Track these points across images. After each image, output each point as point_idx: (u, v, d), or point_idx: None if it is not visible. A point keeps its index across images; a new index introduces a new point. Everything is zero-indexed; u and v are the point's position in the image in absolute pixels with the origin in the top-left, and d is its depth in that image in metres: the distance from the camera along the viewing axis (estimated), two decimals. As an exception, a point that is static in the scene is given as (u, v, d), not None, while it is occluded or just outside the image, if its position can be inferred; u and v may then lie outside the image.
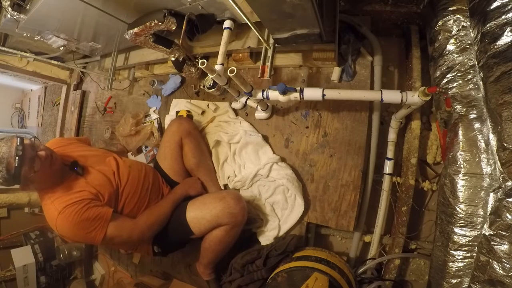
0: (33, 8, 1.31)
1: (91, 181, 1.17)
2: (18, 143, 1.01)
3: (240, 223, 1.23)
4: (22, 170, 1.01)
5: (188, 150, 1.43)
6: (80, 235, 1.10)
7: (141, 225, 1.20)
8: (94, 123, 2.26)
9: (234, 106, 1.57)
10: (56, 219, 1.06)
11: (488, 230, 0.83)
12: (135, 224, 1.19)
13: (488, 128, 0.89)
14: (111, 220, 1.12)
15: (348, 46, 1.32)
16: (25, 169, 1.02)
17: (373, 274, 1.33)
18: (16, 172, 1.00)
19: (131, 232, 1.17)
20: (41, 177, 1.08)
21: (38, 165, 1.04)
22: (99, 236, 1.10)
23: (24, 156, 1.01)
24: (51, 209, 1.09)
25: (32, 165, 1.03)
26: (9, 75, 2.41)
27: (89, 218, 1.08)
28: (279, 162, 1.39)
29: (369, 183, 1.33)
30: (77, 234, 1.10)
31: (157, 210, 1.26)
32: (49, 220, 1.11)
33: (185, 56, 1.55)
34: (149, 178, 1.35)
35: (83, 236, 1.10)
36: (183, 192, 1.36)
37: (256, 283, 1.28)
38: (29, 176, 1.03)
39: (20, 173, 1.01)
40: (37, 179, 1.07)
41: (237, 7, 0.97)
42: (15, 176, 1.01)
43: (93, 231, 1.09)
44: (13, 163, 0.99)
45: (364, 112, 1.30)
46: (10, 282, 2.00)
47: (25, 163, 1.01)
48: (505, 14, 0.80)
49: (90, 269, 2.20)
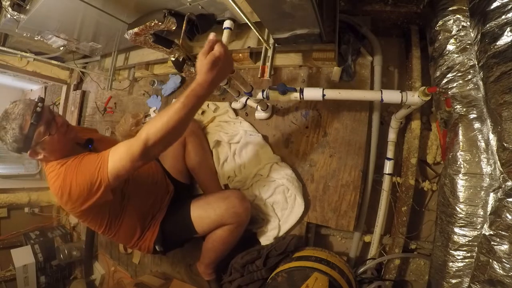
0: (33, 8, 1.31)
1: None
2: (39, 101, 0.98)
3: (244, 222, 1.23)
4: (36, 130, 0.96)
5: (191, 149, 1.43)
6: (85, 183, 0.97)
7: (145, 133, 0.87)
8: (94, 123, 2.26)
9: (234, 106, 1.57)
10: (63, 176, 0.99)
11: (488, 230, 0.83)
12: (134, 138, 0.90)
13: (488, 128, 0.89)
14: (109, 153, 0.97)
15: (348, 46, 1.32)
16: (40, 130, 0.97)
17: (373, 274, 1.33)
18: (30, 131, 0.95)
19: (130, 146, 0.90)
20: (54, 145, 1.02)
21: (54, 129, 1.00)
22: (103, 174, 0.94)
23: (42, 114, 0.97)
24: (57, 169, 1.02)
25: (48, 127, 0.99)
26: (9, 75, 2.40)
27: (90, 159, 0.99)
28: (279, 162, 1.39)
29: (369, 183, 1.33)
30: (81, 183, 0.97)
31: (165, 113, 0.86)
32: (54, 180, 1.02)
33: (185, 56, 1.55)
34: (157, 172, 1.33)
35: (88, 183, 0.96)
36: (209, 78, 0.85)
37: (256, 283, 1.28)
38: (41, 139, 0.98)
39: (34, 134, 0.96)
40: (49, 145, 1.01)
41: (237, 7, 0.97)
42: (28, 137, 0.95)
43: (96, 171, 0.95)
44: (29, 120, 0.95)
45: (364, 112, 1.30)
46: (10, 282, 2.00)
47: (41, 122, 0.97)
48: (505, 14, 0.80)
49: (90, 269, 2.19)
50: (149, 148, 0.87)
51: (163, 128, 0.85)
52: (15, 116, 0.96)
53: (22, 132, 0.96)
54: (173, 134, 0.88)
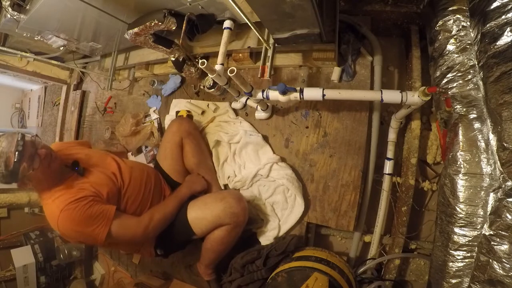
0: (33, 8, 1.31)
1: (93, 181, 1.16)
2: (19, 138, 1.00)
3: (242, 223, 1.23)
4: (20, 167, 1.00)
5: (188, 150, 1.43)
6: (83, 234, 1.08)
7: (145, 223, 1.17)
8: (94, 123, 2.26)
9: (234, 106, 1.57)
10: (58, 217, 1.04)
11: (488, 230, 0.83)
12: (140, 221, 1.17)
13: (488, 128, 0.88)
14: (114, 217, 1.10)
15: (348, 46, 1.32)
16: (24, 166, 1.00)
17: (373, 274, 1.33)
18: (14, 168, 0.99)
19: (135, 230, 1.15)
20: (39, 176, 1.06)
21: (37, 163, 1.03)
22: (102, 234, 1.07)
23: (24, 152, 1.00)
24: (52, 208, 1.08)
25: (31, 162, 1.02)
26: (9, 75, 2.40)
27: (92, 215, 1.06)
28: (279, 162, 1.39)
29: (369, 183, 1.33)
30: (80, 232, 1.07)
31: (162, 208, 1.25)
32: (51, 219, 1.09)
33: (185, 56, 1.55)
34: (151, 179, 1.34)
35: (86, 234, 1.07)
36: (187, 189, 1.34)
37: (256, 283, 1.28)
38: (27, 173, 1.02)
39: (19, 170, 1.00)
40: (35, 177, 1.06)
41: (237, 7, 0.97)
42: (13, 172, 0.99)
43: (97, 228, 1.06)
44: (12, 158, 0.98)
45: (364, 112, 1.30)
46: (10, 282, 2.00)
47: (24, 159, 1.00)
48: (505, 14, 0.80)
49: (90, 269, 2.20)
50: (149, 232, 1.19)
51: (160, 221, 1.22)
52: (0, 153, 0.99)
53: (7, 169, 0.99)
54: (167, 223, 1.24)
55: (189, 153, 1.44)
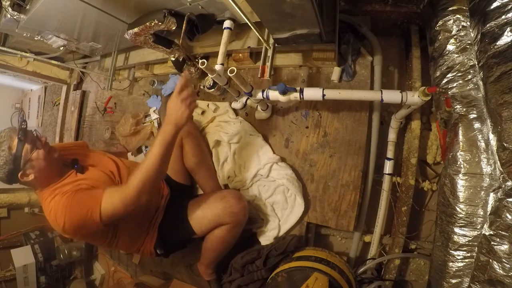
0: (33, 8, 1.31)
1: (91, 178, 1.17)
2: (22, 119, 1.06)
3: (241, 222, 1.23)
4: (24, 147, 1.05)
5: (188, 150, 1.43)
6: (77, 220, 1.03)
7: (132, 186, 1.01)
8: (94, 123, 2.26)
9: (234, 106, 1.57)
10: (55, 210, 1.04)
11: (488, 230, 0.83)
12: (125, 188, 1.04)
13: (488, 128, 0.88)
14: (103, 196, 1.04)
15: (348, 46, 1.32)
16: (27, 147, 1.05)
17: (373, 274, 1.33)
18: (18, 150, 1.04)
19: (124, 197, 1.02)
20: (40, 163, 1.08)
21: (40, 144, 1.09)
22: (95, 214, 1.01)
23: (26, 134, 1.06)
24: (50, 204, 1.07)
25: (34, 145, 1.07)
26: (9, 75, 2.40)
27: (82, 198, 1.05)
28: (279, 162, 1.39)
29: (369, 183, 1.33)
30: (74, 219, 1.03)
31: (145, 163, 1.03)
32: (50, 218, 1.08)
33: (185, 56, 1.55)
34: None
35: (80, 220, 1.02)
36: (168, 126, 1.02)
37: (256, 283, 1.28)
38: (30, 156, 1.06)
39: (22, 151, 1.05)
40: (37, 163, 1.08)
41: (237, 7, 0.97)
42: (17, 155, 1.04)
43: (89, 211, 1.02)
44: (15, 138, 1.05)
45: (364, 112, 1.30)
46: (10, 282, 2.01)
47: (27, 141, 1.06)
48: (505, 14, 0.80)
49: (90, 269, 2.20)
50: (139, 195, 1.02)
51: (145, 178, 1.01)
52: (2, 139, 1.05)
53: (11, 152, 1.04)
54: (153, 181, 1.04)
55: (189, 153, 1.44)
